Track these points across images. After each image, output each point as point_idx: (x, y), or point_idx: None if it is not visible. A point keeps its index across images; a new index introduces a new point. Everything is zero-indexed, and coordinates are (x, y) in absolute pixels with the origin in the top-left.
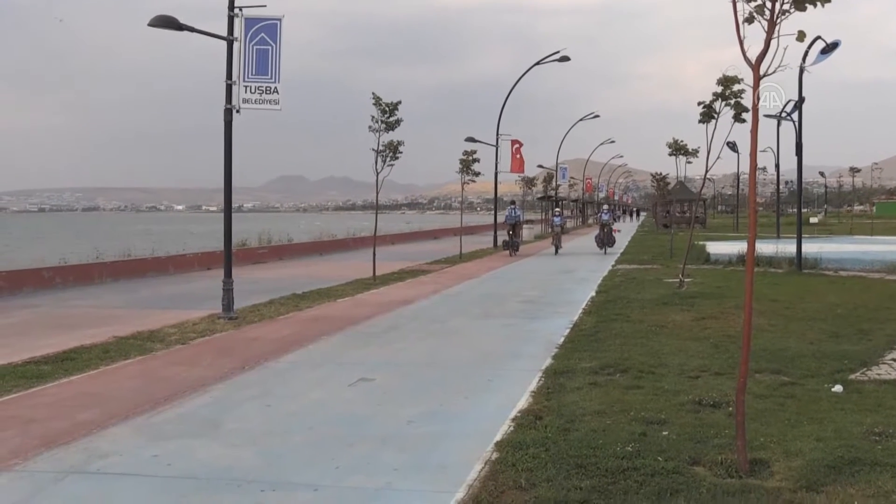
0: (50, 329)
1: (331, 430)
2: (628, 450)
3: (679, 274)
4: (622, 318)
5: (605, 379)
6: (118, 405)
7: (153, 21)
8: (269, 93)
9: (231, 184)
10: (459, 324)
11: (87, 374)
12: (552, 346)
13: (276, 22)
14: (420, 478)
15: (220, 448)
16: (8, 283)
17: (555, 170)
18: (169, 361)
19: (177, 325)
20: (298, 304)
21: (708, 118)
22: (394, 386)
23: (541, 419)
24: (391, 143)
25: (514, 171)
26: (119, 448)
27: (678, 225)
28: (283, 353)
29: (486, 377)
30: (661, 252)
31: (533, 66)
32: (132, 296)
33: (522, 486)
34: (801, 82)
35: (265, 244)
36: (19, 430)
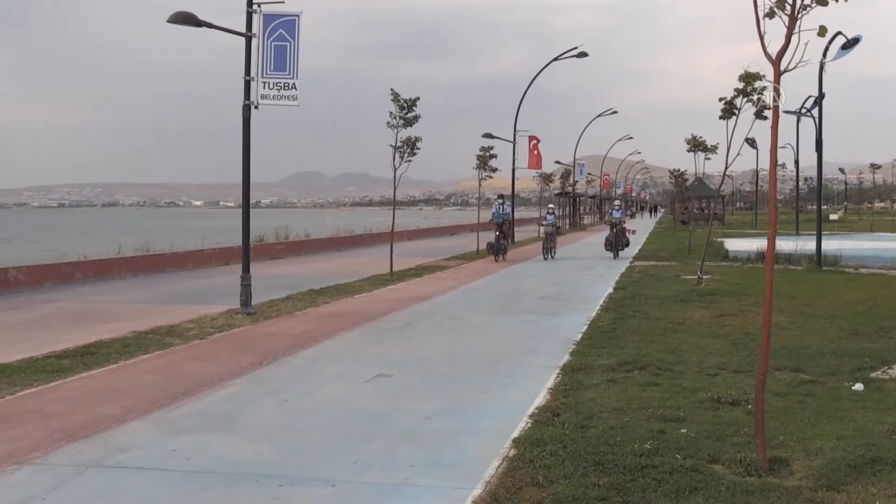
0: (70, 324)
1: (348, 425)
2: (646, 447)
3: (697, 271)
4: (640, 315)
5: (622, 376)
6: (137, 400)
7: (172, 17)
8: (288, 89)
9: (249, 180)
10: (477, 320)
11: (106, 369)
12: (570, 343)
13: (295, 18)
14: (437, 474)
15: (238, 443)
16: (29, 277)
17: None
18: (187, 356)
19: (195, 320)
20: (315, 300)
21: (729, 114)
22: (411, 382)
23: (558, 416)
24: (409, 139)
25: (532, 167)
26: (138, 442)
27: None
28: (301, 348)
29: (503, 373)
30: (680, 249)
31: (551, 62)
32: (151, 291)
33: (540, 483)
34: (821, 78)
35: (282, 240)
36: (40, 424)
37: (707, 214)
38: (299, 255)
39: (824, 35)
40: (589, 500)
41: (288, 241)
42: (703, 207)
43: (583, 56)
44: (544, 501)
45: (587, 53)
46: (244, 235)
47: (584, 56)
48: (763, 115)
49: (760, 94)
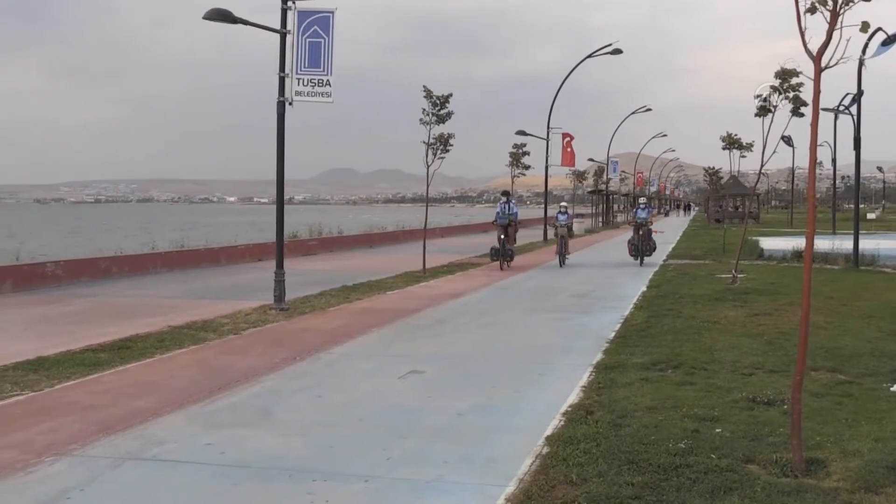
0: (107, 318)
1: (381, 421)
2: (681, 446)
3: (732, 269)
4: (674, 314)
5: (656, 375)
6: (173, 393)
7: (208, 14)
8: (322, 85)
9: (283, 176)
10: (509, 317)
11: (142, 363)
12: (603, 341)
13: (329, 15)
14: (470, 471)
15: (272, 437)
16: (66, 272)
17: (606, 164)
18: (222, 351)
19: (229, 315)
20: (349, 296)
21: (764, 112)
22: (444, 378)
23: (592, 414)
24: (441, 135)
25: (565, 164)
26: (174, 435)
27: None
28: (334, 344)
29: (536, 371)
30: (714, 247)
31: (585, 59)
32: (185, 286)
33: (573, 481)
34: (860, 75)
35: (315, 236)
36: (78, 416)
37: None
38: (332, 251)
39: (867, 31)
40: (623, 498)
41: (321, 237)
42: (738, 206)
43: (617, 53)
44: (578, 500)
45: (621, 50)
46: (278, 232)
47: (618, 53)
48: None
49: (797, 91)
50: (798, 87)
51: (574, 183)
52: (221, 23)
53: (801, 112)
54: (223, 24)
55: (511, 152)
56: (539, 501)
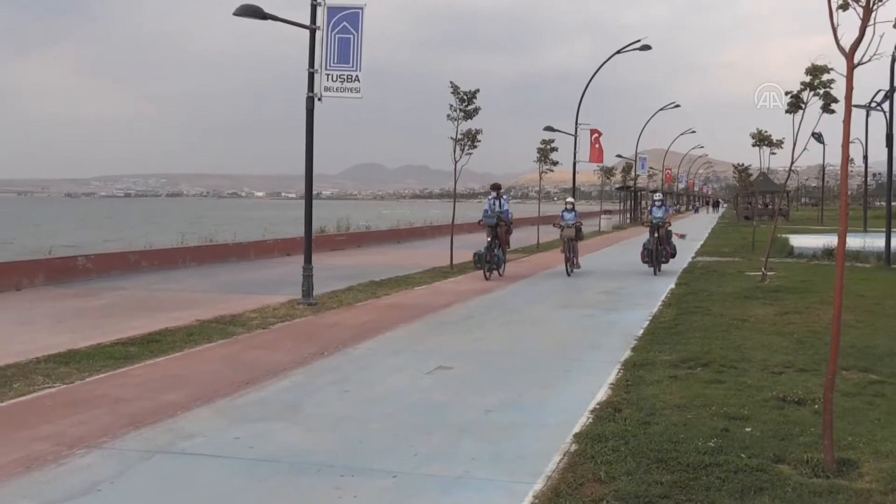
0: (136, 311)
1: (409, 417)
2: (710, 445)
3: (761, 267)
4: (702, 311)
5: (685, 372)
6: (202, 387)
7: (238, 10)
8: (351, 81)
9: (312, 171)
10: (537, 313)
11: (171, 357)
12: (631, 338)
13: (359, 10)
14: (498, 467)
15: (300, 432)
16: (97, 266)
17: (634, 160)
18: (250, 345)
19: (258, 309)
20: (376, 291)
21: (795, 108)
22: (471, 374)
23: (620, 411)
24: (469, 131)
25: (593, 160)
26: (203, 429)
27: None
28: (362, 339)
29: (564, 368)
30: (743, 244)
31: (613, 55)
32: (214, 280)
33: (602, 479)
34: (892, 71)
35: (343, 231)
36: (108, 409)
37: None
38: (360, 246)
39: None
40: (651, 497)
41: (349, 232)
42: (768, 203)
43: (646, 49)
44: (606, 498)
45: (650, 46)
46: (307, 226)
47: (647, 49)
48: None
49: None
50: (829, 84)
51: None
52: (252, 19)
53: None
54: (253, 20)
55: (539, 148)
56: (567, 499)
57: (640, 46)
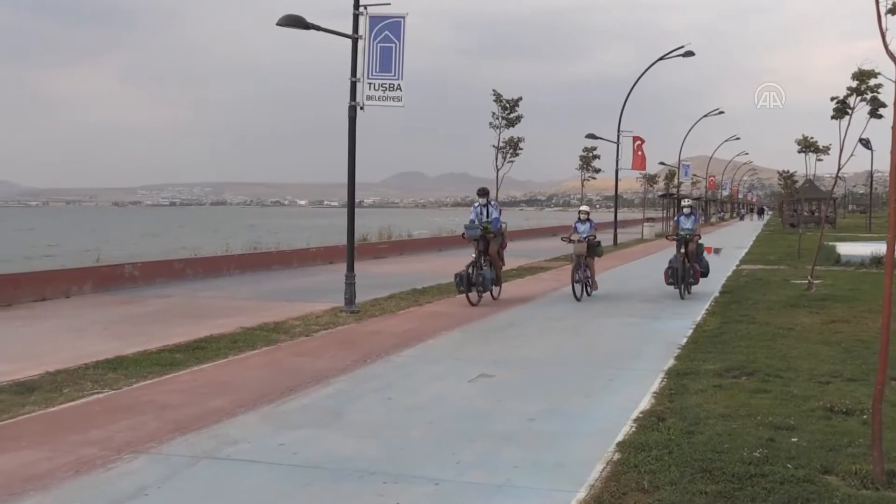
0: (182, 318)
1: (451, 424)
2: (756, 455)
3: (808, 275)
4: (747, 320)
5: (730, 382)
6: (246, 394)
7: (281, 20)
8: (393, 90)
9: (354, 179)
10: (579, 322)
11: (216, 363)
12: (674, 347)
13: (400, 20)
14: (540, 476)
15: (343, 439)
16: (143, 273)
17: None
18: (294, 353)
19: (301, 317)
20: (418, 299)
21: (841, 114)
22: (513, 383)
23: (664, 421)
24: (511, 139)
25: (636, 168)
26: (247, 435)
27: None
28: (404, 347)
29: (606, 376)
30: (789, 252)
31: (656, 62)
32: (257, 288)
33: (645, 489)
34: None
35: (385, 239)
36: (155, 415)
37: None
38: (402, 254)
39: None
40: None
41: (391, 240)
42: (814, 210)
43: (689, 55)
44: None
45: (693, 52)
46: (349, 235)
47: (690, 55)
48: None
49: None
50: (877, 89)
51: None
52: (295, 28)
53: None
54: (296, 29)
55: (581, 156)
56: None
57: (683, 52)
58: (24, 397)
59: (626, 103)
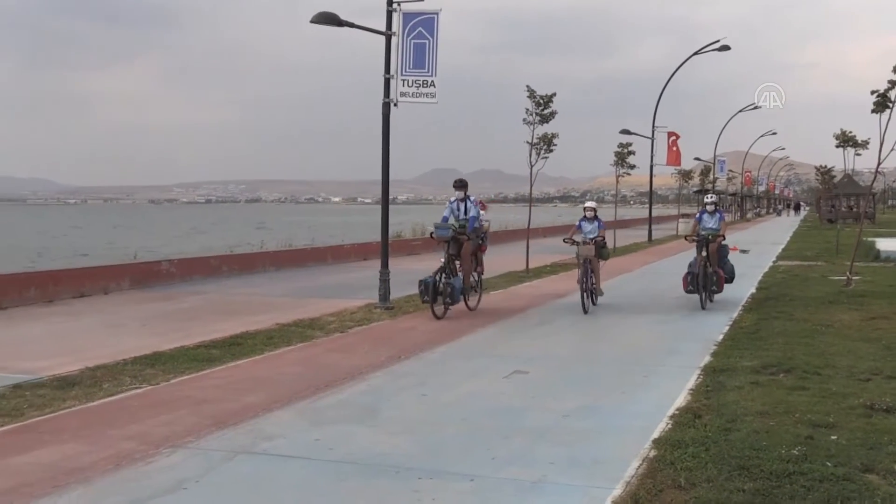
0: (218, 315)
1: (486, 421)
2: (794, 453)
3: (846, 271)
4: (785, 317)
5: (767, 378)
6: (282, 389)
7: (315, 18)
8: (426, 86)
9: (388, 176)
10: (614, 318)
11: (252, 359)
12: (710, 344)
13: (434, 16)
14: (576, 472)
15: (379, 435)
16: (180, 270)
17: (712, 162)
18: (328, 349)
19: (335, 313)
20: None
21: (882, 108)
22: (548, 379)
23: (700, 418)
24: (545, 135)
25: (670, 163)
26: (283, 431)
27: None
28: (438, 343)
29: (641, 373)
30: (826, 248)
31: (691, 57)
32: (292, 284)
33: (682, 486)
34: None
35: (419, 236)
36: (192, 410)
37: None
38: (435, 251)
39: None
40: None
41: (424, 237)
42: (852, 205)
43: (724, 49)
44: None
45: (729, 47)
46: (383, 231)
47: (725, 49)
48: None
49: None
50: None
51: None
52: (328, 26)
53: None
54: (330, 27)
55: (616, 151)
56: None
57: (718, 47)
58: (65, 392)
59: (661, 98)
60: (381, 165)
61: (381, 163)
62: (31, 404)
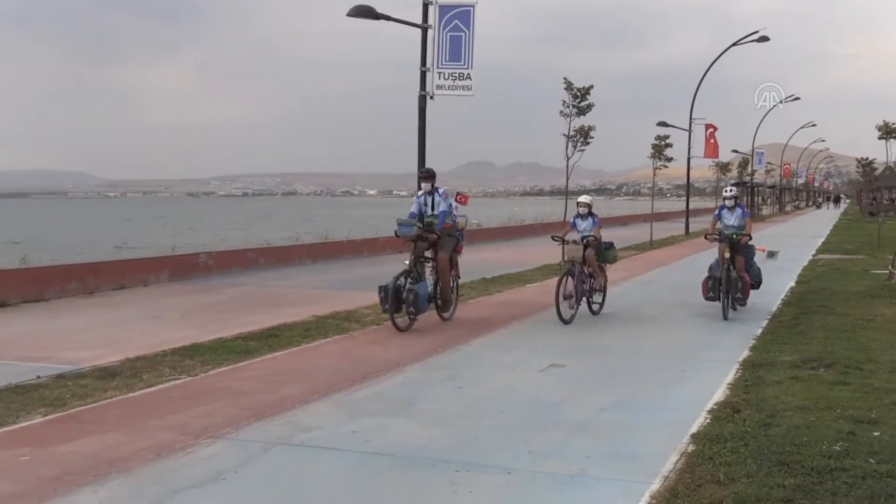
0: (255, 307)
1: (522, 414)
2: (836, 449)
3: (888, 265)
4: (825, 311)
5: (807, 373)
6: (319, 381)
7: (352, 11)
8: (462, 79)
9: None
10: (651, 312)
11: (289, 351)
12: (749, 338)
13: (470, 8)
14: (613, 466)
15: (415, 427)
16: (217, 263)
17: (750, 155)
18: (365, 341)
19: (371, 306)
20: (488, 289)
21: None
22: (585, 372)
23: (739, 412)
24: (582, 128)
25: (708, 156)
26: (320, 422)
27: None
28: (474, 336)
29: (679, 367)
30: (868, 241)
31: (729, 48)
32: (328, 277)
33: (721, 481)
34: None
35: None
36: (230, 401)
37: None
38: (471, 244)
39: None
40: (773, 501)
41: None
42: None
43: (763, 41)
44: (725, 500)
45: (768, 38)
46: None
47: (764, 40)
48: None
49: None
50: None
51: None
52: (364, 19)
53: None
54: (365, 20)
55: (653, 144)
56: (685, 500)
57: (757, 38)
58: (105, 382)
59: (699, 90)
60: (416, 158)
61: (417, 155)
62: (73, 394)
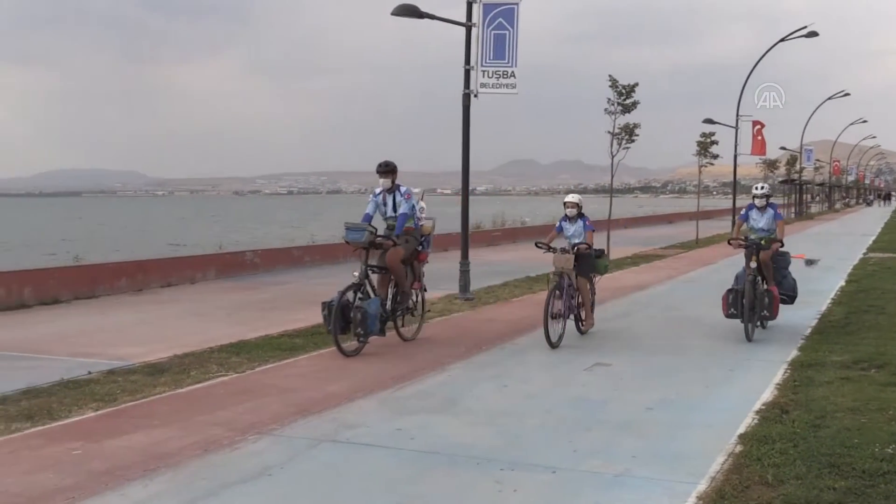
0: (300, 304)
1: (567, 413)
2: (888, 451)
3: None
4: (876, 310)
5: (858, 374)
6: (363, 379)
7: (396, 10)
8: (507, 77)
9: (468, 167)
10: (697, 311)
11: (334, 349)
12: (798, 337)
13: (514, 6)
14: (659, 466)
15: (460, 425)
16: (264, 260)
17: (799, 152)
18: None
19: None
20: (532, 287)
21: None
22: (630, 372)
23: (787, 413)
24: (627, 125)
25: (755, 153)
26: (365, 420)
27: None
28: (519, 334)
29: (726, 367)
30: None
31: (777, 43)
32: None
33: (769, 483)
34: None
35: (499, 227)
36: (277, 398)
37: None
38: (515, 241)
39: None
40: (823, 503)
41: (504, 227)
42: None
43: (812, 36)
44: (774, 502)
45: (817, 33)
46: (463, 222)
47: (813, 36)
48: None
49: None
50: None
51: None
52: (408, 18)
53: None
54: (409, 19)
55: (699, 141)
56: (732, 501)
57: (806, 33)
58: (154, 378)
59: (746, 87)
60: (460, 156)
61: (461, 153)
62: (123, 390)
